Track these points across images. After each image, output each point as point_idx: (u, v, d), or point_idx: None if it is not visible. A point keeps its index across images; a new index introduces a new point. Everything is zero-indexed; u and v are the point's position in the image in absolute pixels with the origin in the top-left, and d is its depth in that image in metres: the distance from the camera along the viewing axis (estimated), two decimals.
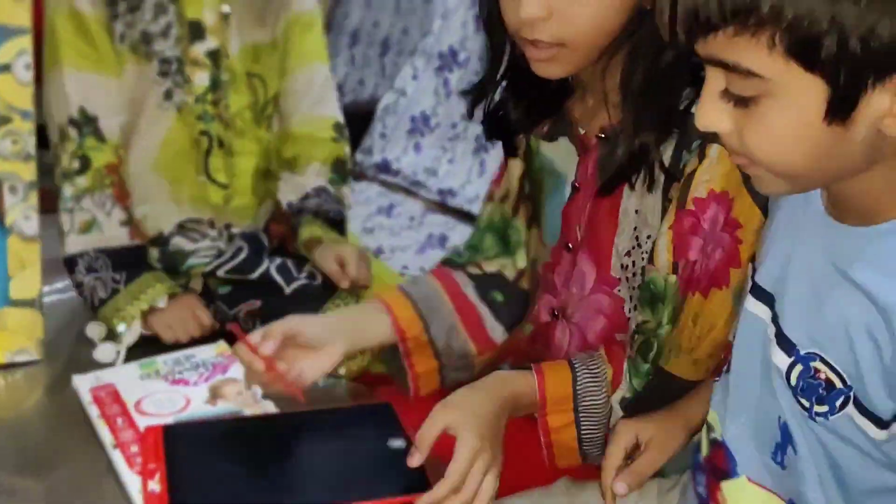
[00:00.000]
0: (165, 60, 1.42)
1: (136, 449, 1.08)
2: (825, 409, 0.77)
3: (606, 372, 1.03)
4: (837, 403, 0.76)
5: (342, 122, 1.55)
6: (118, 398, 1.18)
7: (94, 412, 1.16)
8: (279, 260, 1.44)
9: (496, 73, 1.05)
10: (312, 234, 1.46)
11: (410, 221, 2.32)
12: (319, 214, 1.48)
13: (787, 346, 0.81)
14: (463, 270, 1.18)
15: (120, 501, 1.02)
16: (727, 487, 0.90)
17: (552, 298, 1.14)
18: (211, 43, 1.43)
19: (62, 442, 1.14)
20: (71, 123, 1.39)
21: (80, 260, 1.39)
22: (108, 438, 1.10)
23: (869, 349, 0.73)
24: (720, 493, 0.90)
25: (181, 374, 1.24)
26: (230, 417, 1.14)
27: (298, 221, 1.48)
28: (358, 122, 2.81)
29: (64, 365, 1.30)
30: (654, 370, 1.01)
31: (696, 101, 0.94)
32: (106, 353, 1.31)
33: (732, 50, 0.68)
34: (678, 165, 0.96)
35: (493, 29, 1.01)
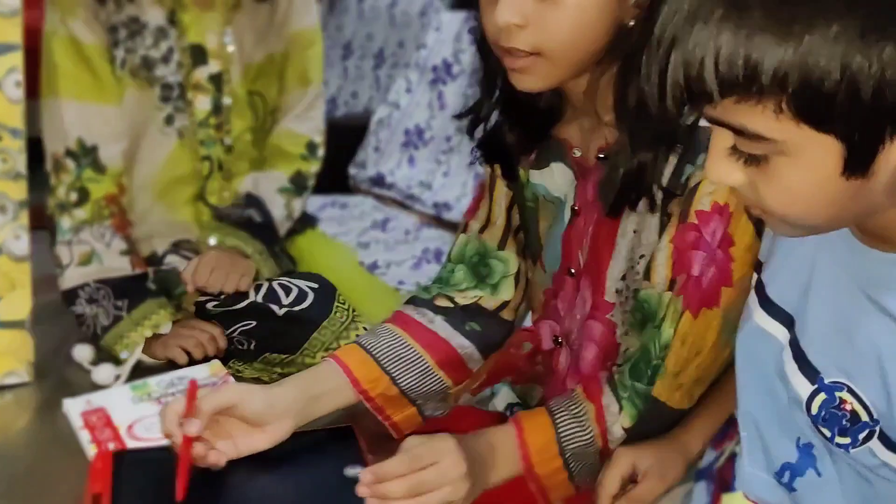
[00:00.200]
0: (167, 86, 1.41)
1: None
2: (847, 440, 0.75)
3: (588, 410, 0.99)
4: (861, 436, 0.74)
5: (318, 141, 1.54)
6: (110, 422, 1.16)
7: (85, 437, 1.14)
8: (265, 286, 1.39)
9: (490, 96, 1.04)
10: (222, 240, 1.43)
11: (406, 236, 2.30)
12: (242, 224, 1.45)
13: (810, 372, 0.78)
14: (430, 306, 1.13)
15: None
16: (727, 501, 0.89)
17: (555, 325, 1.12)
18: (213, 67, 1.43)
19: (52, 467, 1.12)
20: (68, 154, 1.36)
21: (80, 292, 1.36)
22: None
23: None
24: None
25: (174, 395, 1.22)
26: None
27: (216, 226, 1.45)
28: (351, 134, 2.80)
29: (54, 387, 1.28)
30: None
31: (696, 122, 0.93)
32: (104, 374, 1.29)
33: (736, 115, 0.65)
34: (679, 180, 0.94)
35: (486, 52, 1.00)
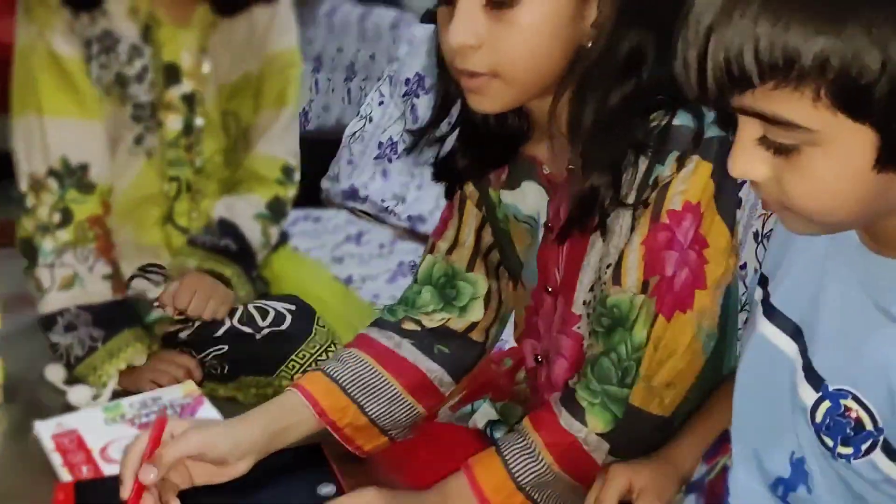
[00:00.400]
0: (139, 105, 1.37)
1: None
2: (849, 450, 0.74)
3: (535, 441, 0.97)
4: (864, 447, 0.73)
5: (293, 165, 1.51)
6: (82, 444, 1.14)
7: (57, 460, 1.11)
8: (240, 310, 1.38)
9: (442, 118, 1.03)
10: (199, 264, 1.39)
11: (380, 249, 2.29)
12: (215, 249, 1.42)
13: (815, 380, 0.77)
14: (396, 329, 1.11)
15: None
16: None
17: (536, 343, 1.11)
18: (187, 86, 1.39)
19: (23, 491, 1.09)
20: (51, 174, 1.32)
21: (59, 318, 1.32)
22: None
23: None
24: None
25: (148, 416, 1.20)
26: None
27: (190, 250, 1.42)
28: (324, 148, 2.79)
29: (25, 409, 1.26)
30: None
31: (672, 117, 0.92)
32: (80, 395, 1.27)
33: (772, 102, 0.65)
34: (648, 180, 0.93)
35: (444, 75, 0.99)
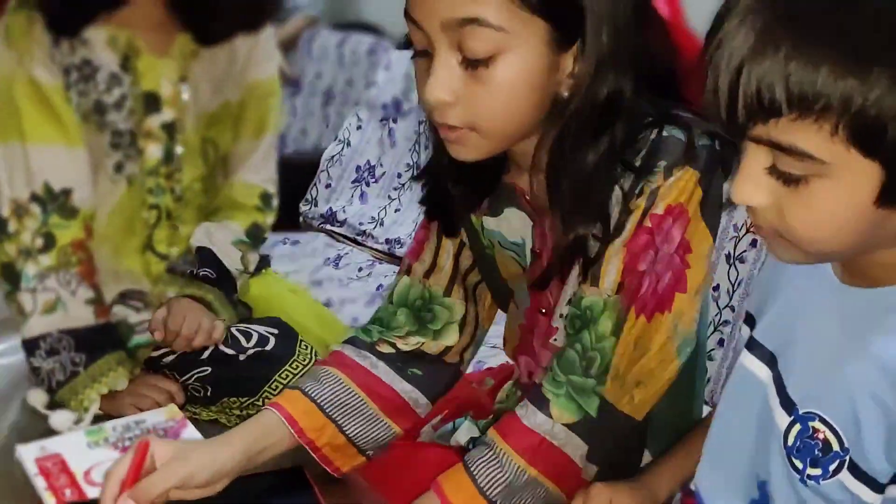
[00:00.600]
0: (117, 133, 1.37)
1: None
2: (818, 472, 0.77)
3: (501, 449, 0.97)
4: (831, 468, 0.76)
5: (272, 192, 1.52)
6: (66, 468, 1.14)
7: (40, 484, 1.11)
8: (223, 333, 1.38)
9: (441, 159, 1.03)
10: (180, 291, 1.40)
11: (359, 272, 2.30)
12: (194, 277, 1.43)
13: (788, 405, 0.81)
14: (371, 350, 1.11)
15: None
16: None
17: (530, 360, 1.12)
18: (167, 115, 1.39)
19: None
20: (34, 199, 1.33)
21: (41, 343, 1.32)
22: None
23: (872, 409, 0.73)
24: None
25: (131, 440, 1.20)
26: None
27: (169, 279, 1.44)
28: (301, 171, 2.80)
29: (7, 433, 1.26)
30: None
31: (661, 130, 0.93)
32: (62, 420, 1.27)
33: (790, 133, 0.68)
34: (635, 191, 0.94)
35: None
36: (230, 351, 1.37)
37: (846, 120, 0.66)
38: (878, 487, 0.73)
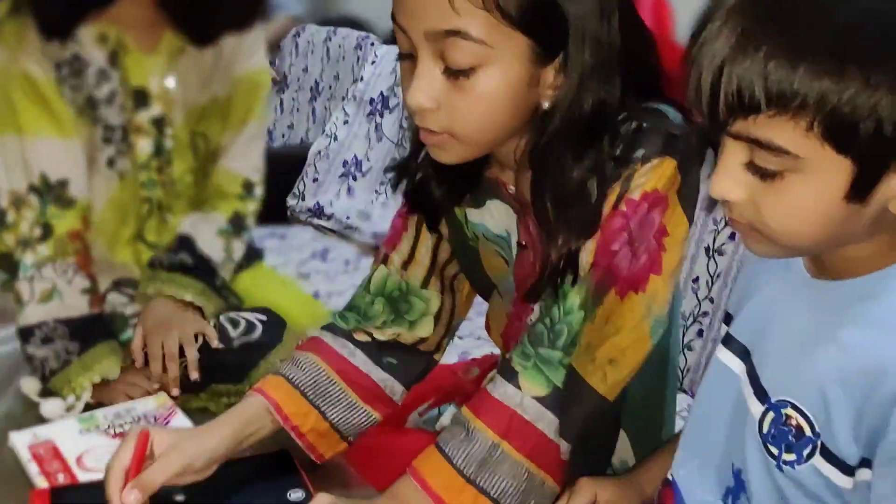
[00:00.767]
0: (109, 127, 1.40)
1: None
2: (793, 457, 0.80)
3: (475, 425, 0.97)
4: (805, 452, 0.79)
5: (255, 180, 1.54)
6: (58, 454, 1.16)
7: (33, 469, 1.14)
8: (211, 322, 1.41)
9: (419, 154, 1.05)
10: (159, 290, 1.41)
11: (346, 266, 2.33)
12: (172, 267, 1.44)
13: (761, 395, 0.84)
14: (349, 338, 1.13)
15: None
16: None
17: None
18: (156, 110, 1.42)
19: (0, 501, 1.11)
20: (32, 190, 1.35)
21: (36, 331, 1.34)
22: None
23: (840, 395, 0.76)
24: None
25: (122, 427, 1.23)
26: None
27: (150, 274, 1.45)
28: (289, 165, 2.83)
29: (1, 421, 1.27)
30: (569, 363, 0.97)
31: (640, 123, 0.94)
32: (53, 408, 1.29)
33: (768, 129, 0.71)
34: (609, 181, 0.95)
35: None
36: (218, 343, 1.39)
37: (821, 117, 0.69)
38: (848, 470, 0.76)
